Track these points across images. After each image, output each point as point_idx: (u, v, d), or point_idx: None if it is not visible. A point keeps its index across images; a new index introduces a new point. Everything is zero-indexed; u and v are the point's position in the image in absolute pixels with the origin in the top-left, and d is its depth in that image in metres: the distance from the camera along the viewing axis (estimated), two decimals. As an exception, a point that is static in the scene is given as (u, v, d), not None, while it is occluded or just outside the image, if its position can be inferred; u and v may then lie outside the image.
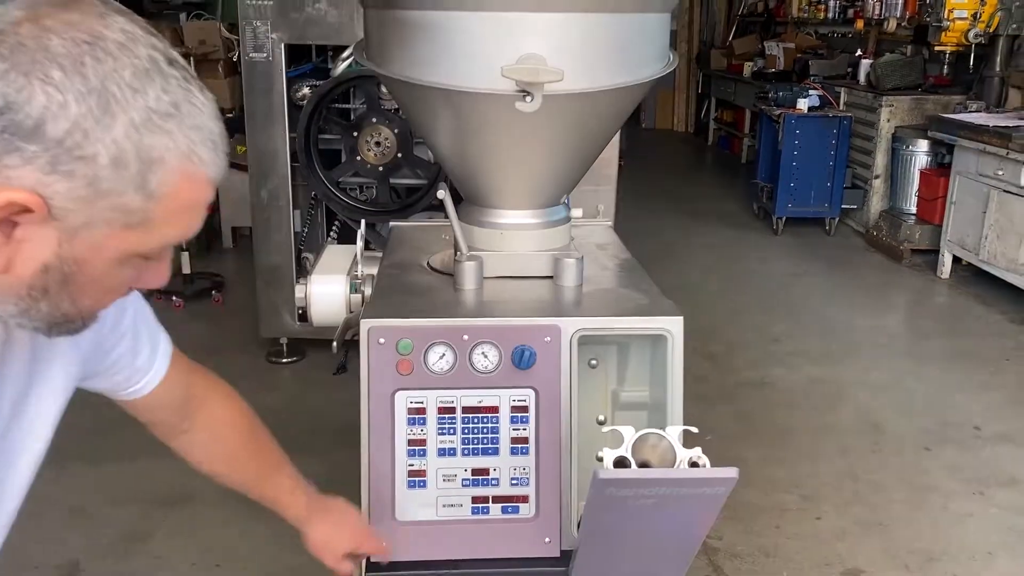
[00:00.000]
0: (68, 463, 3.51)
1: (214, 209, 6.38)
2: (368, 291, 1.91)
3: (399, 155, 4.35)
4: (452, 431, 1.63)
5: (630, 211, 5.96)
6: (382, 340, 1.59)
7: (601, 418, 1.78)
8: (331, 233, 4.62)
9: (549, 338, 1.61)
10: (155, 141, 0.85)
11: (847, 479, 3.49)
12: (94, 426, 3.92)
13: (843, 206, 7.23)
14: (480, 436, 1.63)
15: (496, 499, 1.64)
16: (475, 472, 1.63)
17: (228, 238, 6.61)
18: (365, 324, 1.60)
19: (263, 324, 4.48)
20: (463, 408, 1.62)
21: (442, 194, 1.75)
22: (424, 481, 1.63)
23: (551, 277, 1.85)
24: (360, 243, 1.95)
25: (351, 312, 1.89)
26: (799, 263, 6.49)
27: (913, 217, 6.63)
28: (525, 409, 1.63)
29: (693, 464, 1.36)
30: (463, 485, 1.63)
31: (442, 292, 1.80)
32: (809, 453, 3.68)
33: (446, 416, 1.62)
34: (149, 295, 4.89)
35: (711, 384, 4.28)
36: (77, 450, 3.61)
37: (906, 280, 6.15)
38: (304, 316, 1.95)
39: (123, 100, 0.83)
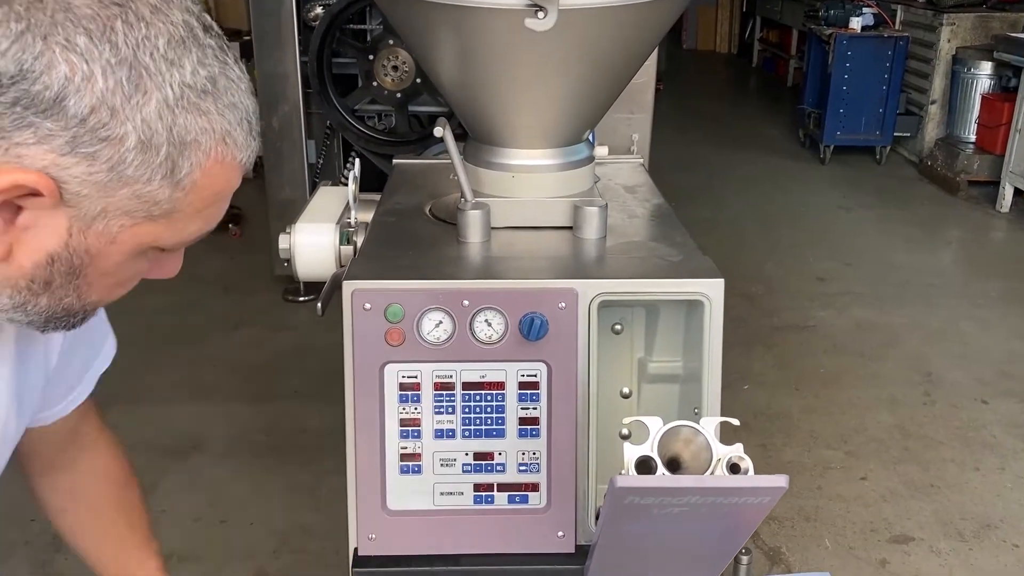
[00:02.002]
0: (74, 407, 3.38)
1: (233, 138, 6.15)
2: (361, 241, 1.67)
3: (418, 80, 4.06)
4: (451, 410, 1.40)
5: (666, 138, 5.62)
6: (368, 305, 1.36)
7: (626, 391, 1.54)
8: (347, 165, 4.36)
9: (564, 304, 1.36)
10: (189, 122, 0.76)
11: (896, 434, 3.24)
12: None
13: (895, 134, 6.80)
14: (483, 416, 1.41)
15: (502, 487, 1.42)
16: (478, 456, 1.42)
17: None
18: (348, 286, 1.36)
19: (277, 262, 4.27)
20: (463, 384, 1.40)
21: (440, 131, 1.49)
22: (419, 466, 1.41)
23: (570, 228, 1.60)
24: (352, 185, 1.70)
25: (342, 266, 1.66)
26: (847, 195, 6.12)
27: (971, 146, 6.21)
28: (535, 386, 1.40)
29: (733, 467, 1.12)
30: (464, 471, 1.42)
31: (443, 246, 1.56)
32: (855, 405, 3.43)
33: (444, 393, 1.40)
34: None
35: (749, 327, 4.02)
36: (84, 394, 3.48)
37: (962, 214, 5.78)
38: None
39: (157, 74, 0.73)
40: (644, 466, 1.12)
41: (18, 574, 2.50)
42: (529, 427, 1.41)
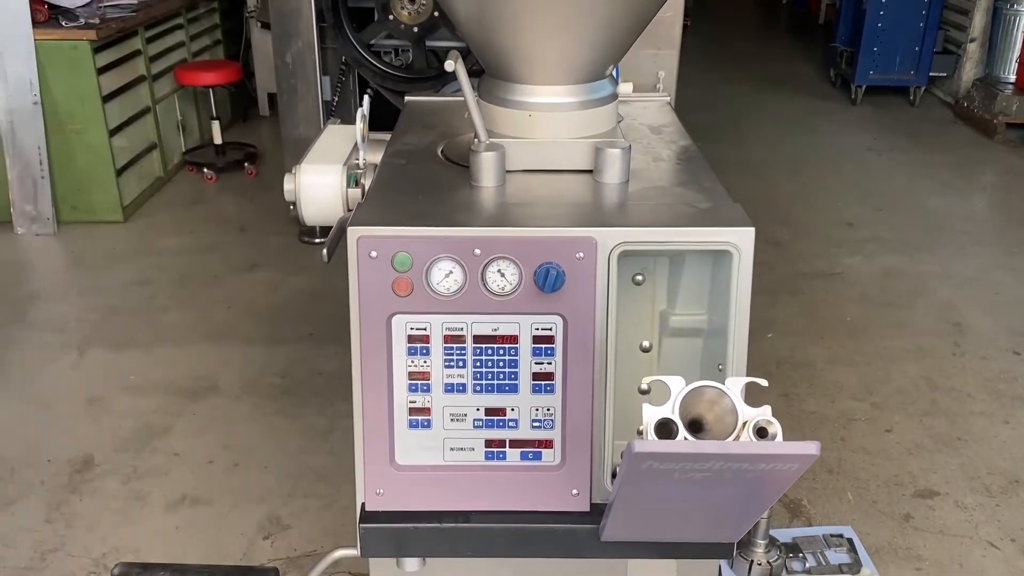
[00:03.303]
0: (89, 349, 3.36)
1: (248, 74, 6.03)
2: (369, 184, 1.59)
3: (436, 14, 3.91)
4: (462, 363, 1.33)
5: (691, 77, 5.44)
6: (374, 253, 1.28)
7: (646, 344, 1.46)
8: (362, 103, 4.25)
9: (582, 254, 1.28)
10: None
11: (923, 386, 3.16)
12: (120, 306, 3.78)
13: (931, 74, 6.56)
14: (495, 371, 1.34)
15: (514, 443, 1.36)
16: (489, 412, 1.35)
17: (264, 104, 6.28)
18: (353, 232, 1.29)
19: (293, 201, 4.20)
20: (475, 337, 1.33)
21: (451, 65, 1.39)
22: (428, 421, 1.35)
23: (590, 171, 1.51)
24: (361, 124, 1.61)
25: (349, 210, 1.58)
26: (879, 137, 5.93)
27: (1011, 87, 5.97)
28: (550, 340, 1.32)
29: (760, 431, 1.05)
30: (475, 426, 1.36)
31: (455, 190, 1.47)
32: (881, 355, 3.34)
33: (454, 346, 1.33)
34: (181, 167, 4.66)
35: (775, 274, 3.92)
36: (99, 335, 3.46)
37: (998, 158, 5.58)
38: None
39: None
40: (664, 429, 1.05)
41: (33, 517, 2.50)
42: (543, 382, 1.34)
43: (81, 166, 4.38)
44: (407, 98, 1.98)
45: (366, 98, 1.69)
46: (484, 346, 1.33)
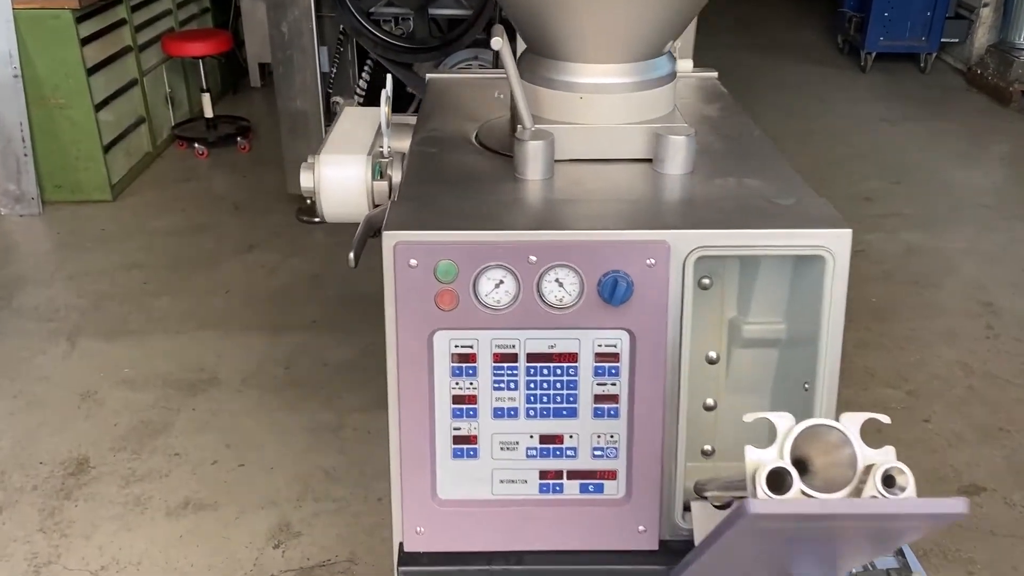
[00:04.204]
0: (80, 338, 3.18)
1: (239, 43, 5.79)
2: (397, 176, 1.41)
3: (440, -20, 3.70)
4: (513, 385, 1.17)
5: (695, 43, 5.23)
6: (414, 262, 1.11)
7: (713, 355, 1.30)
8: (362, 74, 4.06)
9: (653, 260, 1.12)
10: None
11: (958, 371, 3.02)
12: (111, 292, 3.59)
13: (942, 40, 6.36)
14: (552, 393, 1.18)
15: (573, 474, 1.20)
16: (545, 439, 1.19)
17: (256, 75, 6.04)
18: (390, 238, 1.12)
19: (291, 179, 4.01)
20: (529, 355, 1.16)
21: (499, 43, 1.21)
22: (474, 449, 1.20)
23: (648, 160, 1.34)
24: (386, 107, 1.43)
25: (376, 205, 1.41)
26: (892, 106, 5.75)
27: (1027, 53, 5.79)
28: (615, 357, 1.16)
29: (887, 479, 0.89)
30: (528, 456, 1.20)
31: (496, 184, 1.30)
32: (911, 338, 3.20)
33: (505, 365, 1.17)
34: (170, 142, 4.40)
35: (795, 252, 3.76)
36: (90, 323, 3.28)
37: (1015, 127, 5.42)
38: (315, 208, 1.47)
39: None
40: (777, 480, 0.89)
41: (26, 526, 2.34)
42: (606, 406, 1.18)
43: (66, 143, 4.16)
44: (428, 76, 1.80)
45: (388, 78, 1.50)
46: (539, 365, 1.17)
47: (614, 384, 1.17)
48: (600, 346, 1.16)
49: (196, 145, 4.85)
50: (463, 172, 1.34)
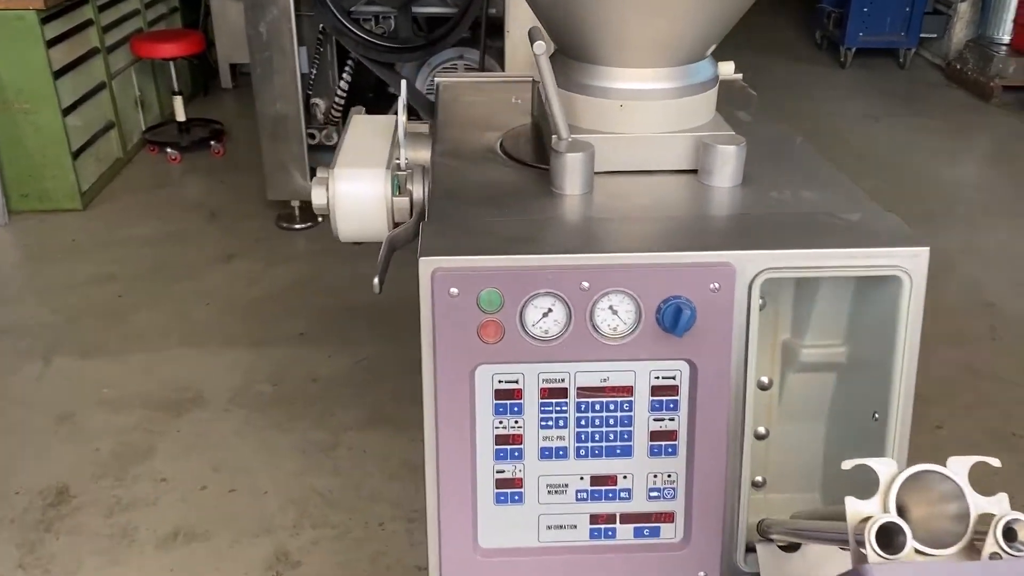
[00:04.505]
0: (55, 357, 3.02)
1: (209, 43, 5.61)
2: (418, 191, 1.30)
3: (424, -22, 3.58)
4: (562, 422, 1.07)
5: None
6: (455, 290, 1.00)
7: (764, 380, 1.21)
8: (343, 75, 3.92)
9: (717, 284, 1.02)
10: None
11: (966, 375, 2.97)
12: (85, 306, 3.43)
13: (921, 35, 6.35)
14: (604, 430, 1.07)
15: (627, 518, 1.10)
16: (596, 481, 1.09)
17: (227, 76, 5.86)
18: (427, 264, 1.01)
19: (270, 185, 3.86)
20: (579, 390, 1.06)
21: (542, 47, 1.10)
22: (519, 494, 1.09)
23: (693, 171, 1.24)
24: (402, 115, 1.32)
25: (396, 223, 1.29)
26: (874, 103, 5.72)
27: (1005, 48, 5.79)
28: (673, 391, 1.06)
29: (1008, 531, 0.80)
30: (578, 499, 1.10)
31: (532, 199, 1.20)
32: (915, 340, 3.14)
33: (554, 401, 1.06)
34: (141, 146, 4.14)
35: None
36: (64, 341, 3.11)
37: (998, 122, 5.41)
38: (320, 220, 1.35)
39: None
40: (888, 537, 0.80)
41: (4, 563, 2.19)
42: (663, 443, 1.08)
43: (32, 149, 3.97)
44: (437, 79, 1.69)
45: (403, 84, 1.39)
46: (590, 400, 1.06)
47: (672, 419, 1.07)
48: (657, 378, 1.06)
49: (169, 150, 4.68)
50: (494, 187, 1.23)
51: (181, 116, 4.79)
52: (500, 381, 1.05)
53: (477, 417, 1.06)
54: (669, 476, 1.09)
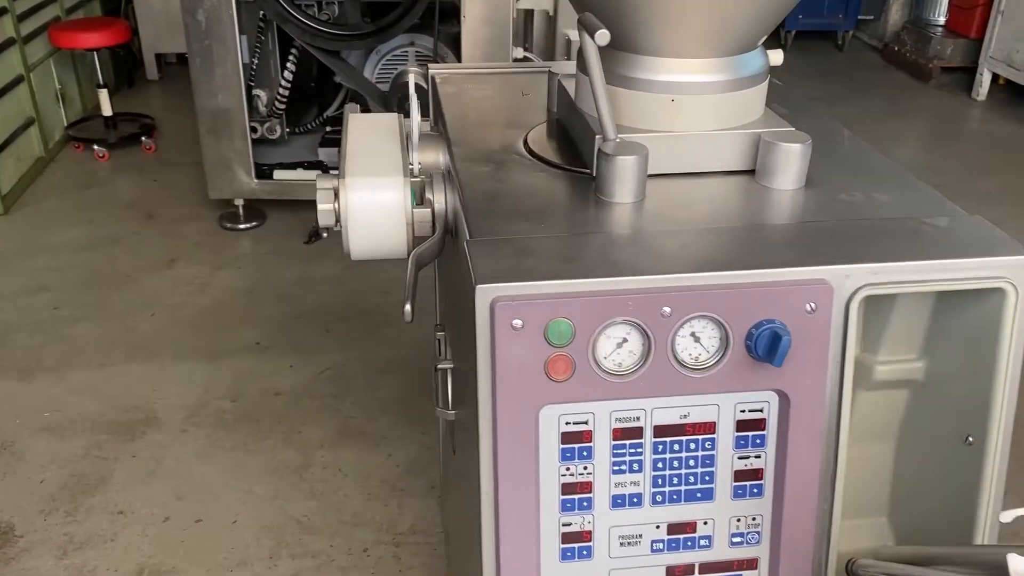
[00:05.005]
0: (-16, 378, 2.76)
1: (132, 32, 5.28)
2: (440, 200, 1.15)
3: (372, -40, 3.39)
4: (636, 466, 0.94)
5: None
6: (518, 323, 0.86)
7: (831, 400, 1.10)
8: (287, 64, 3.70)
9: (813, 305, 0.90)
10: None
11: None
12: (17, 321, 3.14)
13: (858, 17, 6.41)
14: (683, 472, 0.95)
15: (707, 567, 0.98)
16: (673, 529, 0.97)
17: (152, 67, 5.54)
18: (486, 293, 0.86)
19: (212, 184, 3.63)
20: (656, 428, 0.93)
21: (605, 36, 0.96)
22: (588, 548, 0.96)
23: (748, 172, 1.12)
24: (416, 114, 1.16)
25: (417, 237, 1.14)
26: (818, 85, 5.74)
27: (942, 29, 5.87)
28: (759, 425, 0.95)
29: None
30: (653, 550, 0.97)
31: (579, 209, 1.06)
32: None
33: (627, 443, 0.93)
34: (64, 144, 3.82)
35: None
36: (-6, 360, 2.85)
37: (938, 103, 5.48)
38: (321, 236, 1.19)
39: None
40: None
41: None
42: (748, 483, 0.96)
43: (-56, 150, 3.66)
44: (433, 71, 1.53)
45: (411, 77, 1.23)
46: (668, 440, 0.94)
47: (758, 456, 0.95)
48: (743, 412, 0.94)
49: (95, 147, 4.38)
50: (531, 195, 1.09)
51: (107, 110, 4.49)
52: (568, 423, 0.91)
53: (540, 464, 0.92)
54: (753, 519, 0.97)
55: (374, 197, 1.10)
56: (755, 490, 0.96)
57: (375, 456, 2.47)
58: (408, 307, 1.02)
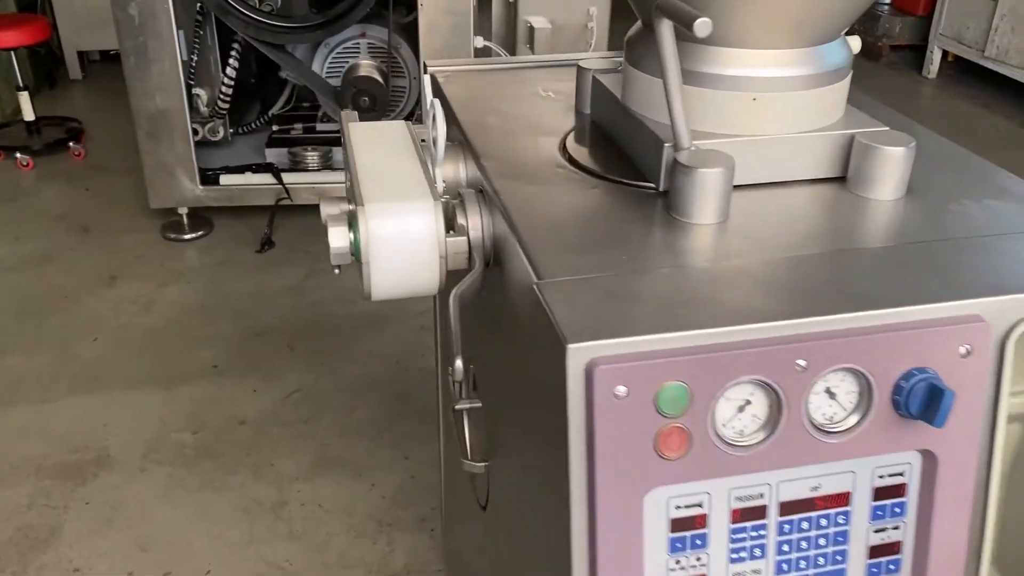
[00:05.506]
0: (-93, 422, 2.47)
1: (50, 28, 4.91)
2: (476, 225, 0.96)
3: (319, -54, 3.15)
4: (759, 552, 0.77)
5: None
6: (623, 390, 0.68)
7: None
8: (229, 60, 3.43)
9: (968, 347, 0.74)
10: None
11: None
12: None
13: (805, -3, 6.35)
14: (812, 554, 0.78)
15: (835, 661, 0.82)
16: (798, 620, 0.80)
17: (75, 66, 5.17)
18: (579, 355, 0.68)
19: (153, 192, 3.35)
20: (782, 505, 0.76)
21: (707, 26, 0.78)
22: (700, 652, 0.79)
23: (836, 179, 0.96)
24: (441, 124, 0.97)
25: (451, 271, 0.95)
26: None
27: (888, 7, 5.85)
28: (899, 491, 0.79)
29: None
30: (775, 647, 0.80)
31: (656, 234, 0.89)
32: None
33: (748, 525, 0.76)
34: None
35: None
36: (-82, 400, 2.55)
37: (889, 83, 5.45)
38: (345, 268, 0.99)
39: None
40: None
41: None
42: (884, 559, 0.80)
43: None
44: (430, 66, 1.33)
45: (426, 79, 1.03)
46: (796, 518, 0.77)
47: (896, 528, 0.80)
48: (881, 477, 0.78)
49: (18, 155, 4.03)
50: (592, 217, 0.91)
51: (29, 115, 4.15)
52: (678, 507, 0.74)
53: (645, 556, 0.75)
54: (890, 600, 0.81)
55: (401, 226, 0.91)
56: (892, 566, 0.81)
57: (357, 487, 2.26)
58: (459, 363, 0.83)
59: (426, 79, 1.04)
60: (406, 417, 2.51)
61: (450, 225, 0.97)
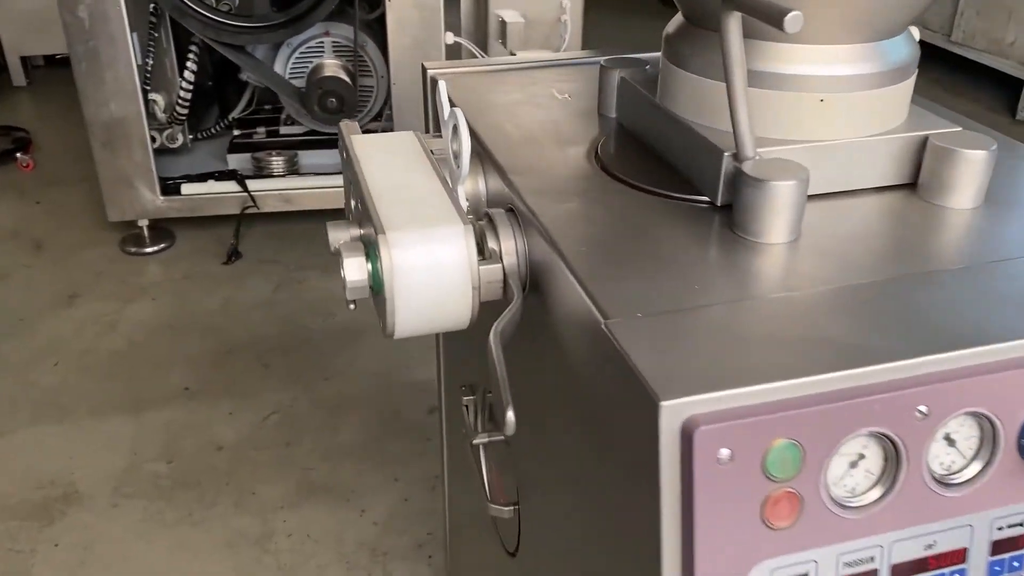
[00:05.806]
0: None
1: (-8, 34, 4.68)
2: (511, 250, 0.85)
3: (280, -59, 3.00)
4: (867, 622, 0.67)
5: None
6: (725, 452, 0.58)
7: None
8: (188, 63, 3.27)
9: (1099, 380, 0.65)
10: None
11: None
12: None
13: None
14: (927, 619, 0.69)
15: None
16: None
17: (18, 72, 4.93)
18: (673, 413, 0.58)
19: (111, 204, 3.17)
20: (894, 568, 0.67)
21: (798, 20, 0.66)
22: None
23: (904, 186, 0.87)
24: (465, 134, 0.85)
25: (478, 301, 0.83)
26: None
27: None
28: (1018, 543, 0.69)
29: None
30: None
31: (723, 257, 0.78)
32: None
33: (858, 593, 0.66)
34: None
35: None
36: None
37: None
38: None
39: None
40: None
41: None
42: (1001, 617, 0.71)
43: None
44: (430, 71, 1.22)
45: (441, 85, 0.92)
46: (910, 581, 0.67)
47: (1015, 583, 0.71)
48: (1000, 529, 0.69)
49: (-38, 168, 3.82)
50: (645, 238, 0.80)
51: (-28, 125, 3.92)
52: (782, 579, 0.64)
53: (743, 638, 0.64)
54: (1008, 664, 0.72)
55: (430, 255, 0.79)
56: (1011, 626, 0.71)
57: (347, 514, 2.14)
58: (511, 415, 0.72)
59: (442, 85, 0.92)
60: (393, 435, 2.38)
61: (479, 251, 0.85)
